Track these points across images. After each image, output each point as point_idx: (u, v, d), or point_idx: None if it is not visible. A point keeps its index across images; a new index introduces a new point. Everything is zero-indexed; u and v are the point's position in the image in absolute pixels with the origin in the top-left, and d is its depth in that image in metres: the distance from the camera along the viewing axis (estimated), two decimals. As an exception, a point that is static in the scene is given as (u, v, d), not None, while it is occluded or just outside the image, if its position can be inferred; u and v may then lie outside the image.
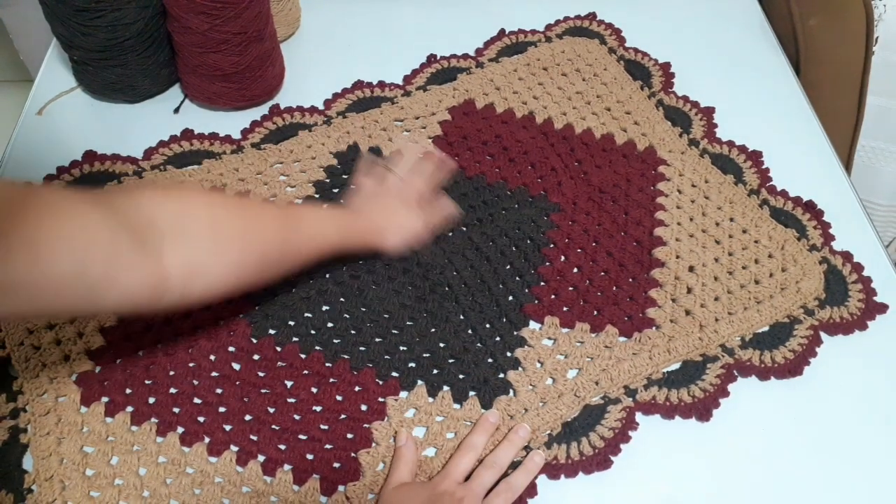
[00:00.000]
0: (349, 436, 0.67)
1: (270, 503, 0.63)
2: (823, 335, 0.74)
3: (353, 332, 0.73)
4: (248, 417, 0.67)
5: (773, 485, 0.65)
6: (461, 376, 0.70)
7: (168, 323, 0.73)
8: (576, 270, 0.78)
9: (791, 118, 0.96)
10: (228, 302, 0.74)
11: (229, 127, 0.91)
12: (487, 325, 0.74)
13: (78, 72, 0.94)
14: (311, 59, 1.02)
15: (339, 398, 0.69)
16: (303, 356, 0.71)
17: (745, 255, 0.79)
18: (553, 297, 0.76)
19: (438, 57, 1.01)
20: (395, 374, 0.70)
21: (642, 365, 0.71)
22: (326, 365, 0.70)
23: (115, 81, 0.92)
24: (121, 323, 0.73)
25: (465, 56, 1.01)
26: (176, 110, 0.94)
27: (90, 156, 0.87)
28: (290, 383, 0.69)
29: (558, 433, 0.68)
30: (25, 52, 1.60)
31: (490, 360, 0.72)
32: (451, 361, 0.71)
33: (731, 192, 0.85)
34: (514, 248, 0.80)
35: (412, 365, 0.71)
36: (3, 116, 1.31)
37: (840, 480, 0.66)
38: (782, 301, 0.76)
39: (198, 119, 0.93)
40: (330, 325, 0.73)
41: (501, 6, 1.09)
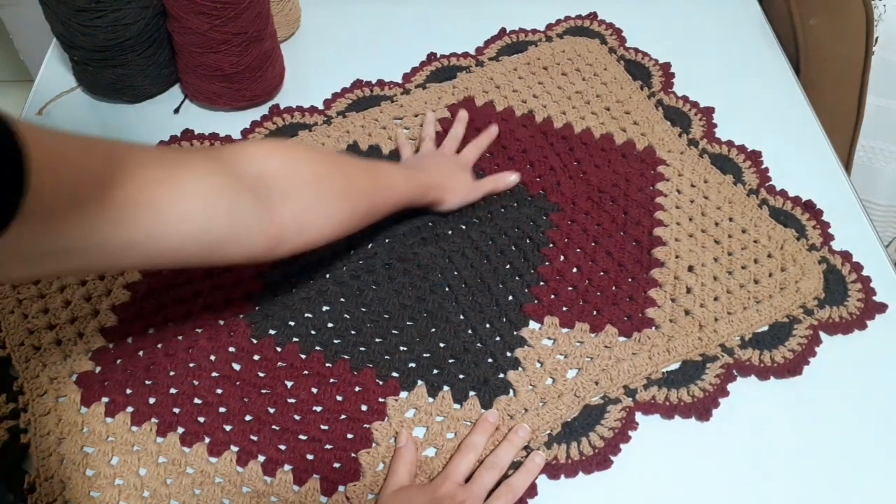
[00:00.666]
0: (349, 436, 0.67)
1: (271, 503, 0.63)
2: (823, 335, 0.74)
3: (354, 333, 0.73)
4: (248, 418, 0.67)
5: (772, 484, 0.65)
6: (461, 376, 0.70)
7: (168, 323, 0.73)
8: (575, 270, 0.78)
9: (791, 118, 0.96)
10: (228, 302, 0.75)
11: (229, 127, 0.91)
12: (487, 325, 0.74)
13: (78, 72, 0.94)
14: (311, 59, 1.02)
15: (339, 398, 0.69)
16: (303, 356, 0.71)
17: (744, 255, 0.79)
18: (553, 296, 0.76)
19: (438, 55, 1.01)
20: (395, 374, 0.71)
21: (642, 365, 0.71)
22: (326, 365, 0.71)
23: (115, 81, 0.92)
24: (121, 323, 0.73)
25: (465, 55, 1.01)
26: (176, 110, 0.94)
27: (90, 156, 0.87)
28: (290, 383, 0.69)
29: (558, 433, 0.68)
30: (25, 52, 1.60)
31: (490, 360, 0.72)
32: (451, 361, 0.71)
33: (731, 191, 0.85)
34: (513, 248, 0.80)
35: (412, 365, 0.71)
36: (3, 116, 1.31)
37: (840, 480, 0.66)
38: (782, 301, 0.76)
39: (198, 119, 0.93)
40: (330, 325, 0.73)
41: (502, 5, 1.09)
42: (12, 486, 0.63)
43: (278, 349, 0.71)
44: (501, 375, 0.71)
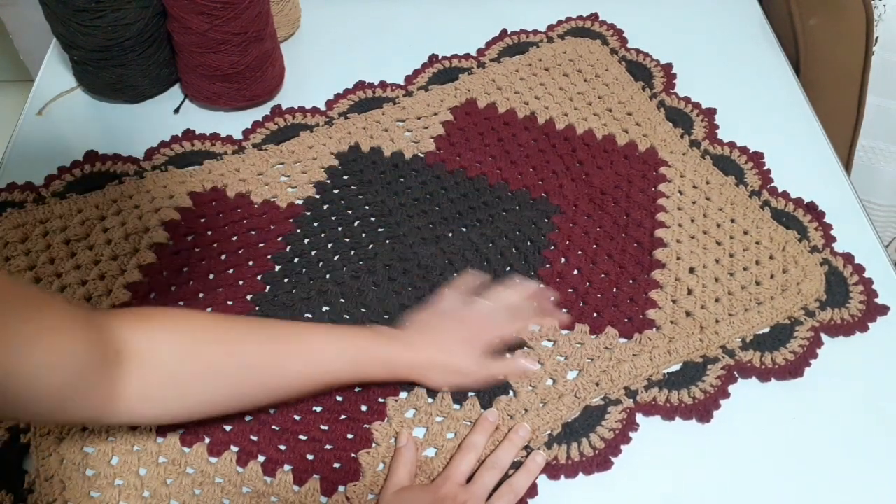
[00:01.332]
0: (349, 436, 0.66)
1: (271, 503, 0.63)
2: (824, 337, 0.74)
3: (354, 333, 0.73)
4: (248, 418, 0.67)
5: (773, 486, 0.65)
6: (461, 377, 0.70)
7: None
8: (576, 272, 0.78)
9: (791, 119, 0.96)
10: (229, 302, 0.74)
11: (230, 127, 0.91)
12: (488, 326, 0.74)
13: (78, 72, 0.94)
14: (311, 59, 1.02)
15: (339, 398, 0.68)
16: (303, 357, 0.71)
17: (746, 257, 0.79)
18: (552, 298, 0.76)
19: (440, 57, 1.01)
20: (395, 374, 0.70)
21: (643, 366, 0.71)
22: (327, 365, 0.70)
23: (115, 81, 0.92)
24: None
25: (467, 56, 1.01)
26: (176, 110, 0.94)
27: (91, 156, 0.87)
28: (290, 384, 0.69)
29: (558, 434, 0.68)
30: (25, 52, 1.60)
31: (490, 360, 0.72)
32: (452, 362, 0.71)
33: (733, 193, 0.85)
34: (514, 250, 0.80)
35: (412, 366, 0.71)
36: (3, 116, 1.31)
37: (840, 482, 0.66)
38: (783, 302, 0.76)
39: (198, 119, 0.93)
40: (330, 325, 0.73)
41: (503, 6, 1.09)
42: (12, 487, 0.63)
43: (278, 349, 0.71)
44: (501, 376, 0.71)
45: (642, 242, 0.81)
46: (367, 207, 0.83)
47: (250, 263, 0.78)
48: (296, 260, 0.78)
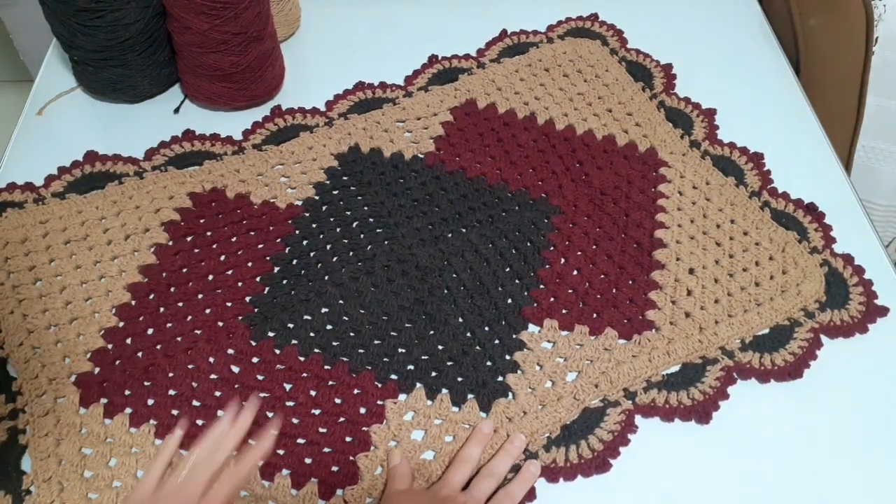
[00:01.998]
0: (348, 439, 0.66)
1: (269, 506, 0.63)
2: (824, 338, 0.74)
3: (352, 335, 0.73)
4: (246, 420, 0.67)
5: (772, 488, 0.65)
6: (460, 379, 0.70)
7: (168, 324, 0.73)
8: (575, 273, 0.78)
9: (791, 119, 0.95)
10: (228, 304, 0.74)
11: (230, 128, 0.91)
12: (486, 328, 0.74)
13: (78, 72, 0.94)
14: (311, 59, 1.02)
15: (337, 401, 0.68)
16: (301, 359, 0.71)
17: (745, 258, 0.79)
18: (552, 299, 0.76)
19: (440, 57, 1.01)
20: (393, 376, 0.70)
21: (642, 367, 0.71)
22: (325, 367, 0.70)
23: (115, 81, 0.92)
24: (120, 324, 0.73)
25: (467, 56, 1.01)
26: (176, 110, 0.94)
27: (91, 156, 0.87)
28: (288, 386, 0.69)
29: (557, 436, 0.68)
30: (25, 52, 1.60)
31: (489, 362, 0.71)
32: (450, 364, 0.71)
33: (733, 194, 0.85)
34: (513, 251, 0.80)
35: (411, 367, 0.71)
36: (3, 116, 1.31)
37: (840, 484, 0.66)
38: (783, 303, 0.75)
39: (198, 119, 0.93)
40: (329, 327, 0.73)
41: (503, 7, 1.09)
42: (11, 488, 0.63)
43: (277, 351, 0.71)
44: (500, 378, 0.70)
45: (642, 243, 0.81)
46: (366, 208, 0.83)
47: (249, 265, 0.78)
48: (295, 261, 0.78)
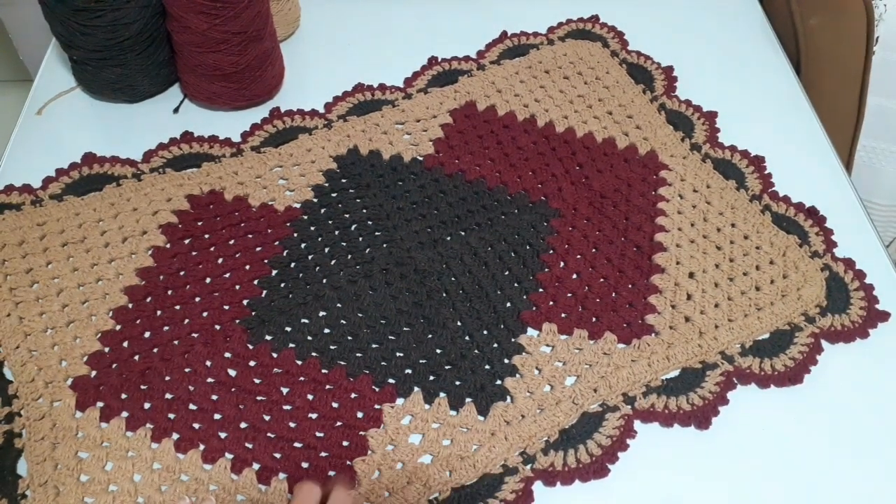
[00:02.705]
0: (345, 443, 0.66)
1: (265, 510, 0.63)
2: (824, 343, 0.74)
3: (350, 338, 0.72)
4: (243, 425, 0.67)
5: (772, 493, 0.65)
6: (458, 383, 0.70)
7: (165, 327, 0.73)
8: (575, 277, 0.78)
9: (791, 119, 0.95)
10: (225, 307, 0.74)
11: (229, 129, 0.91)
12: (485, 332, 0.73)
13: (77, 72, 0.94)
14: (311, 59, 1.02)
15: (334, 405, 0.68)
16: (299, 362, 0.71)
17: (746, 262, 0.79)
18: (551, 303, 0.75)
19: (439, 59, 1.00)
20: (391, 380, 0.70)
21: (641, 372, 0.71)
22: (322, 371, 0.70)
23: (114, 81, 0.91)
24: (117, 327, 0.73)
25: (467, 58, 1.01)
26: (175, 110, 0.94)
27: (89, 158, 0.87)
28: (286, 390, 0.69)
29: (555, 440, 0.67)
30: (25, 52, 1.60)
31: (487, 366, 0.71)
32: (448, 368, 0.71)
33: (733, 197, 0.85)
34: (512, 254, 0.79)
35: (409, 371, 0.71)
36: (2, 116, 1.31)
37: (841, 490, 0.65)
38: (783, 308, 0.75)
39: (197, 119, 0.93)
40: (326, 330, 0.73)
41: (503, 8, 1.08)
42: (6, 492, 0.63)
43: (274, 355, 0.71)
44: (498, 382, 0.70)
45: (642, 246, 0.80)
46: (364, 211, 0.83)
47: (247, 267, 0.77)
48: (292, 264, 0.78)
